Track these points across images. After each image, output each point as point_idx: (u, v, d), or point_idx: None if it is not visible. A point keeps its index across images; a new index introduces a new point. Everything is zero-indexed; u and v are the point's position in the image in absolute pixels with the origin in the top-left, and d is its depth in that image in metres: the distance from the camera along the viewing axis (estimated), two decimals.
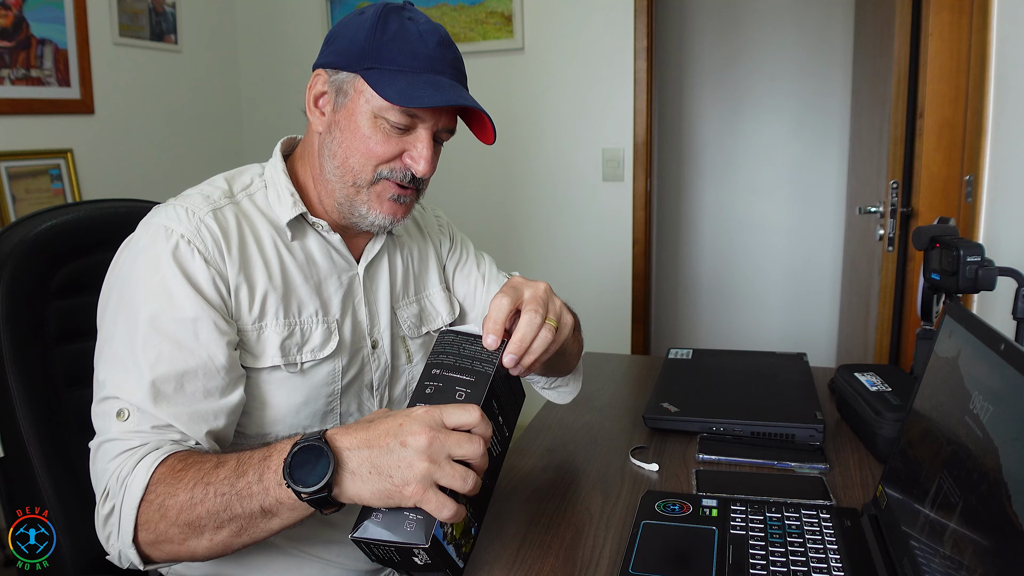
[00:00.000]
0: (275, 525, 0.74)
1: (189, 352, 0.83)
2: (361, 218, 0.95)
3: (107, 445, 0.81)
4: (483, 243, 3.57)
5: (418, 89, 0.87)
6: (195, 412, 0.83)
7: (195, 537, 0.75)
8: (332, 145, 0.93)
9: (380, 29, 0.89)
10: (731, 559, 0.77)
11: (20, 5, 2.26)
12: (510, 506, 0.94)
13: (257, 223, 0.94)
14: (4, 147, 2.25)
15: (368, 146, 0.90)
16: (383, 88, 0.87)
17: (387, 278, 1.06)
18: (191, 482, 0.75)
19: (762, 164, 3.52)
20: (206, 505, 0.73)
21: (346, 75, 0.91)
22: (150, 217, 0.90)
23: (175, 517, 0.75)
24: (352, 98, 0.91)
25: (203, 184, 0.96)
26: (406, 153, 0.92)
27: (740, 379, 1.31)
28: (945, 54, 1.72)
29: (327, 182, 0.95)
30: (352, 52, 0.90)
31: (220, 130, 3.14)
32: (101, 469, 0.81)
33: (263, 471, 0.72)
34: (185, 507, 0.74)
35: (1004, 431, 0.58)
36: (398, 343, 1.07)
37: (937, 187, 1.78)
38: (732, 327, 3.67)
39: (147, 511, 0.76)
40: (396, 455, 0.68)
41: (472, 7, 2.90)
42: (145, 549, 0.78)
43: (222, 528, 0.74)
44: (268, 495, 0.72)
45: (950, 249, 1.07)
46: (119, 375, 0.82)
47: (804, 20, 3.35)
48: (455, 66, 0.93)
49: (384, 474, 0.68)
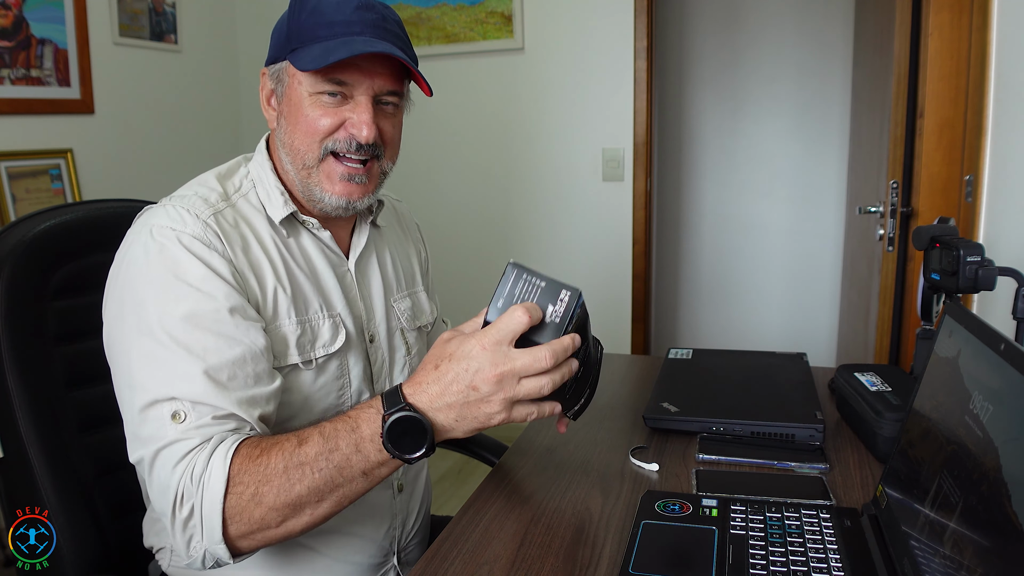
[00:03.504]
0: (375, 482, 0.80)
1: (234, 341, 0.83)
2: (319, 202, 0.95)
3: (167, 451, 0.79)
4: (483, 243, 3.57)
5: (330, 52, 0.87)
6: (251, 397, 0.83)
7: (295, 517, 0.78)
8: (282, 135, 0.95)
9: (299, 9, 0.91)
10: (731, 559, 0.77)
11: (20, 5, 2.26)
12: (510, 506, 0.94)
13: (256, 224, 0.94)
14: (4, 147, 2.25)
15: (308, 124, 0.91)
16: (298, 61, 0.89)
17: (378, 272, 1.07)
18: (281, 464, 0.76)
19: (762, 164, 3.52)
20: (305, 483, 0.76)
21: (280, 65, 0.93)
22: (148, 219, 0.88)
23: (273, 501, 0.76)
24: (288, 84, 0.93)
25: (194, 184, 0.94)
26: (348, 122, 0.91)
27: (740, 379, 1.31)
28: (945, 54, 1.72)
29: (286, 173, 0.96)
30: (280, 41, 0.93)
31: (220, 130, 3.14)
32: (167, 476, 0.78)
33: (358, 441, 0.77)
34: (283, 490, 0.76)
35: (1004, 431, 0.58)
36: (396, 336, 1.08)
37: (937, 187, 1.78)
38: (732, 327, 3.67)
39: (237, 502, 0.76)
40: (472, 400, 0.75)
41: (472, 7, 2.90)
42: (236, 542, 0.78)
43: (323, 501, 0.78)
44: (368, 461, 0.78)
45: (950, 249, 1.07)
46: (164, 375, 0.80)
47: (804, 20, 3.35)
48: (377, 24, 0.91)
49: (470, 418, 0.77)
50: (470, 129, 3.01)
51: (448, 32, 2.96)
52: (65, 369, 1.02)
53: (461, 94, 2.97)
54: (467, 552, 0.83)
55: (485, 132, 3.01)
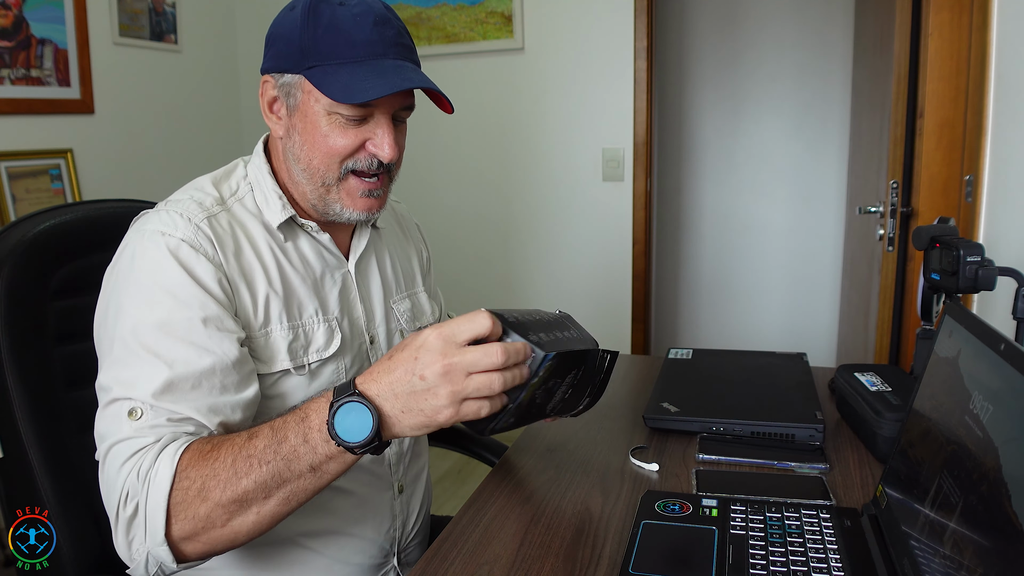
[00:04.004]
0: (323, 481, 0.77)
1: (204, 351, 0.82)
2: (337, 215, 0.95)
3: (119, 447, 0.78)
4: (483, 243, 3.56)
5: (362, 80, 0.85)
6: (212, 405, 0.82)
7: (241, 514, 0.75)
8: (295, 149, 0.92)
9: (312, 23, 0.87)
10: (731, 559, 0.77)
11: (20, 5, 2.26)
12: (510, 506, 0.94)
13: (251, 228, 0.93)
14: (4, 147, 2.25)
15: (328, 144, 0.89)
16: (327, 87, 0.86)
17: (378, 274, 1.07)
18: (229, 459, 0.75)
19: (762, 164, 3.52)
20: (252, 476, 0.74)
21: (290, 77, 0.90)
22: (142, 224, 0.88)
23: (219, 496, 0.74)
24: (302, 100, 0.90)
25: (189, 188, 0.94)
26: (368, 142, 0.90)
27: (740, 379, 1.31)
28: (945, 54, 1.72)
29: (297, 184, 0.95)
30: (291, 53, 0.89)
31: (220, 130, 3.14)
32: (115, 473, 0.78)
33: (306, 431, 0.74)
34: (230, 483, 0.74)
35: (1004, 431, 0.58)
36: (396, 337, 1.08)
37: (937, 187, 1.78)
38: (732, 327, 3.67)
39: (183, 498, 0.75)
40: (419, 390, 0.72)
41: (472, 7, 2.90)
42: (180, 544, 0.76)
43: (270, 498, 0.75)
44: (316, 453, 0.74)
45: (950, 249, 1.07)
46: (129, 376, 0.80)
47: (804, 20, 3.35)
48: (397, 42, 0.89)
49: (415, 410, 0.72)
50: (470, 129, 3.01)
51: (448, 32, 2.96)
52: (65, 369, 1.02)
53: (461, 94, 2.96)
54: (467, 552, 0.83)
55: (485, 132, 3.01)
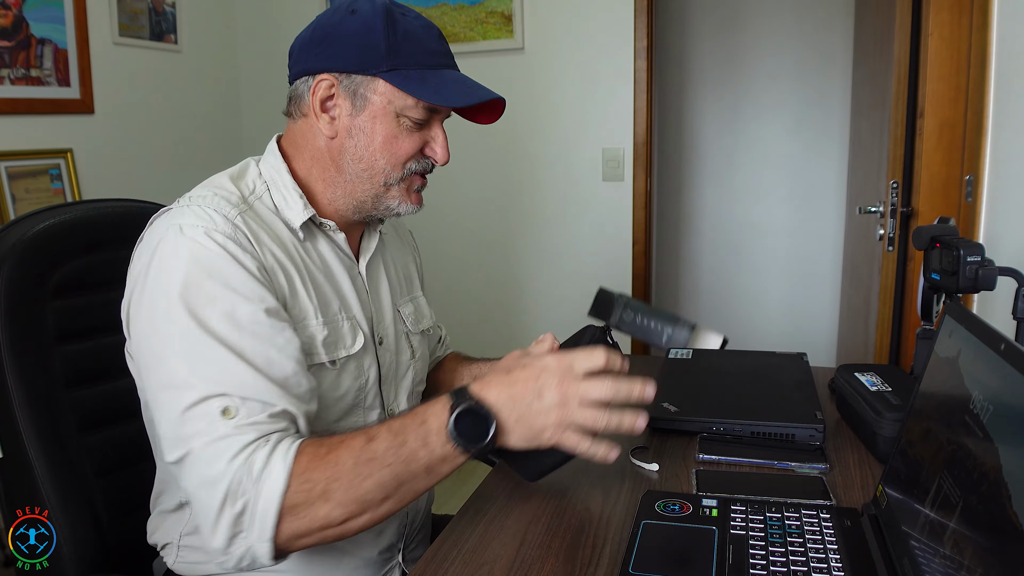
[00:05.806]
0: (434, 481, 0.83)
1: (273, 340, 0.83)
2: (387, 210, 0.98)
3: (218, 445, 0.77)
4: (483, 243, 3.55)
5: (448, 87, 0.93)
6: (299, 394, 0.84)
7: (359, 514, 0.79)
8: (356, 149, 0.94)
9: (391, 29, 0.91)
10: (731, 559, 0.77)
11: (20, 5, 2.26)
12: (510, 506, 0.94)
13: (275, 227, 0.94)
14: (4, 147, 2.25)
15: (396, 146, 0.94)
16: (416, 89, 0.91)
17: (385, 276, 1.08)
18: (350, 461, 0.78)
19: (762, 164, 3.52)
20: (374, 478, 0.78)
21: (361, 78, 0.91)
22: (172, 219, 0.86)
23: (342, 497, 0.77)
24: (372, 101, 0.92)
25: (209, 186, 0.92)
26: (427, 146, 0.97)
27: (740, 379, 1.31)
28: (945, 54, 1.72)
29: (349, 183, 0.96)
30: (367, 55, 0.91)
31: (220, 130, 3.13)
32: (217, 472, 0.77)
33: (425, 434, 0.80)
34: (352, 485, 0.77)
35: (1004, 431, 0.58)
36: (402, 339, 1.09)
37: (937, 187, 1.78)
38: (732, 327, 3.66)
39: (304, 500, 0.76)
40: (535, 407, 0.81)
41: (472, 7, 2.90)
42: (287, 542, 0.78)
43: (388, 499, 0.80)
44: (433, 455, 0.80)
45: (950, 249, 1.07)
46: (211, 373, 0.79)
47: (804, 20, 3.35)
48: (451, 54, 0.98)
49: (526, 424, 0.81)
50: (470, 129, 3.00)
51: (448, 32, 2.96)
52: (65, 369, 1.02)
53: None
54: (467, 552, 0.83)
55: (485, 132, 2.99)
